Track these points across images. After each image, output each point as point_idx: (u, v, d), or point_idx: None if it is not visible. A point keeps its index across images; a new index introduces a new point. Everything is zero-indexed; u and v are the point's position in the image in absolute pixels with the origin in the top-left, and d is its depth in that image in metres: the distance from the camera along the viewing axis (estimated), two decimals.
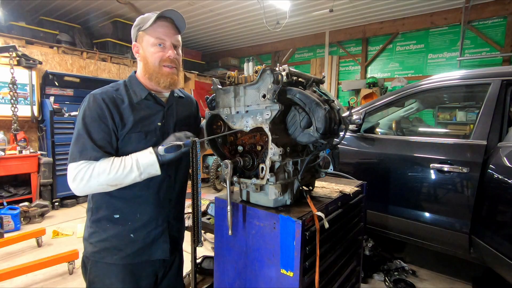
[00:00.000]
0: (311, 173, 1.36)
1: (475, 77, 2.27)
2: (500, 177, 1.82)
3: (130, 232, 1.19)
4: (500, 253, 1.74)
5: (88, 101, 1.14)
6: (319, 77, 1.30)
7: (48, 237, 3.33)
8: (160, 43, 1.19)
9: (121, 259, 1.19)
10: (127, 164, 1.08)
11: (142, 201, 1.20)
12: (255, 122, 1.11)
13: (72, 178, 1.07)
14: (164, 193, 1.25)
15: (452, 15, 5.41)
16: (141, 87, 1.22)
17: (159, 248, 1.25)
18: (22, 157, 4.01)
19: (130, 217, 1.19)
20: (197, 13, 5.91)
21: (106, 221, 1.19)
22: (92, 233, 1.20)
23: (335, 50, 7.06)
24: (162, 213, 1.25)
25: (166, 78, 1.20)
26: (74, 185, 1.08)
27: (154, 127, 1.21)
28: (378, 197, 2.43)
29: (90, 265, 1.21)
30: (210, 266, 2.24)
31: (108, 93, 1.16)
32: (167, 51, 1.19)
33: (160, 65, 1.19)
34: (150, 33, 1.18)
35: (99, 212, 1.19)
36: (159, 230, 1.24)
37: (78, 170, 1.06)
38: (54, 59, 4.83)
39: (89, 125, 1.10)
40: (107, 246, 1.18)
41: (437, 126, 5.49)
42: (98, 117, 1.11)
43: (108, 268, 1.19)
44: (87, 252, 1.21)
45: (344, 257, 1.44)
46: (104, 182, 1.07)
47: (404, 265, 2.67)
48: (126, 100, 1.18)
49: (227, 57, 8.48)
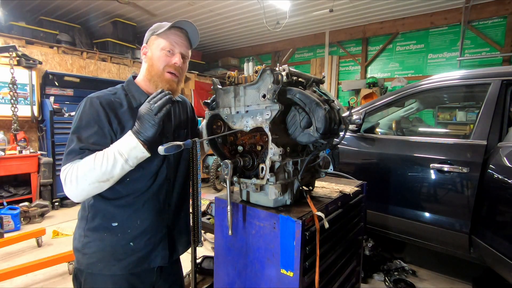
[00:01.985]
0: (311, 173, 1.36)
1: (475, 77, 2.26)
2: (500, 177, 1.82)
3: (129, 241, 1.15)
4: (500, 253, 1.74)
5: (85, 105, 1.11)
6: (319, 77, 1.30)
7: (48, 237, 3.33)
8: (170, 49, 1.19)
9: (120, 269, 1.14)
10: (110, 154, 1.03)
11: (141, 207, 1.16)
12: (255, 122, 1.11)
13: (64, 183, 1.04)
14: (164, 197, 1.22)
15: (452, 15, 5.41)
16: (140, 91, 1.21)
17: (158, 255, 1.21)
18: (22, 157, 4.02)
19: (129, 225, 1.15)
20: (197, 13, 5.91)
21: (103, 230, 1.13)
22: (87, 243, 1.14)
23: (335, 50, 7.06)
24: (162, 219, 1.22)
25: (165, 83, 1.19)
26: (67, 190, 1.05)
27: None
28: (378, 197, 2.43)
29: (84, 277, 1.15)
30: (210, 266, 2.24)
31: (106, 96, 1.14)
32: (174, 58, 1.19)
33: (164, 70, 1.19)
34: (162, 38, 1.19)
35: (95, 220, 1.14)
36: (159, 237, 1.21)
37: (65, 173, 1.04)
38: (54, 59, 4.83)
39: (82, 130, 1.08)
40: (105, 256, 1.13)
41: (437, 126, 5.49)
42: (93, 122, 1.09)
43: (105, 280, 1.14)
44: (81, 264, 1.14)
45: (344, 257, 1.44)
46: (94, 179, 1.02)
47: (404, 265, 2.67)
48: (125, 104, 1.16)
49: (227, 57, 8.48)
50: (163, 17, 6.17)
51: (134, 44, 6.45)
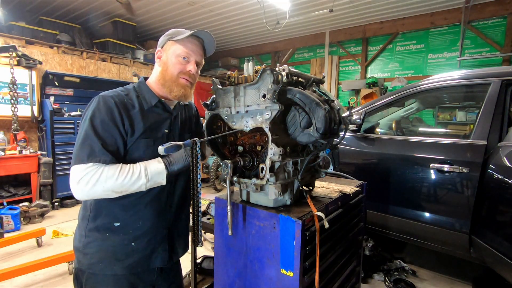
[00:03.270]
0: (311, 173, 1.36)
1: (475, 77, 2.26)
2: (500, 177, 1.82)
3: (131, 241, 1.16)
4: (500, 253, 1.74)
5: (98, 102, 1.11)
6: (319, 77, 1.30)
7: (48, 237, 3.33)
8: (186, 56, 1.21)
9: (121, 269, 1.15)
10: (136, 171, 1.07)
11: (144, 208, 1.17)
12: (255, 122, 1.11)
13: (77, 181, 1.02)
14: (165, 199, 1.23)
15: (452, 15, 5.41)
16: (151, 93, 1.22)
17: (158, 256, 1.22)
18: (22, 157, 4.02)
19: (131, 225, 1.16)
20: (197, 13, 5.91)
21: (105, 230, 1.14)
22: (88, 243, 1.14)
23: (335, 50, 7.06)
24: (163, 220, 1.23)
25: (180, 88, 1.21)
26: (78, 188, 1.03)
27: (162, 134, 1.22)
28: (378, 197, 2.43)
29: (86, 277, 1.16)
30: (210, 266, 2.24)
31: (119, 96, 1.15)
32: (189, 66, 1.22)
33: (178, 76, 1.21)
34: (179, 44, 1.21)
35: (97, 220, 1.15)
36: (159, 238, 1.22)
37: (85, 173, 1.02)
38: (54, 59, 4.83)
39: (98, 127, 1.07)
40: (106, 256, 1.14)
41: (437, 126, 5.49)
42: (108, 120, 1.08)
43: (106, 280, 1.15)
44: (82, 264, 1.15)
45: (344, 257, 1.44)
46: (110, 188, 1.04)
47: (404, 265, 2.67)
48: (137, 106, 1.17)
49: (227, 57, 8.48)
50: (163, 17, 6.17)
51: (134, 44, 6.45)
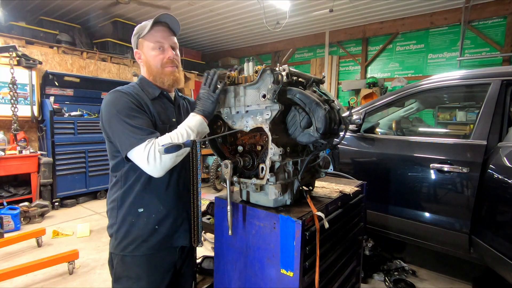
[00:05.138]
0: (311, 173, 1.36)
1: (475, 77, 2.26)
2: (500, 177, 1.82)
3: (155, 224, 1.24)
4: (500, 253, 1.74)
5: (116, 97, 1.17)
6: (319, 77, 1.31)
7: (48, 237, 3.33)
8: (159, 46, 1.26)
9: (148, 249, 1.24)
10: (183, 132, 1.12)
11: (164, 192, 1.25)
12: (255, 122, 1.11)
13: (146, 161, 1.07)
14: (183, 183, 1.30)
15: (452, 15, 5.41)
16: (153, 86, 1.29)
17: (180, 235, 1.31)
18: (22, 157, 4.01)
19: (153, 210, 1.24)
20: (197, 13, 5.91)
21: (131, 216, 1.23)
22: (118, 229, 1.24)
23: (335, 50, 7.06)
24: (182, 203, 1.30)
25: (169, 76, 1.27)
26: (150, 167, 1.08)
27: (172, 123, 1.28)
28: (378, 197, 2.43)
29: (116, 260, 1.26)
30: (210, 266, 2.24)
31: (128, 89, 1.22)
32: (166, 53, 1.27)
33: (163, 67, 1.27)
34: (149, 39, 1.25)
35: (123, 209, 1.23)
36: (180, 220, 1.30)
37: (147, 151, 1.07)
38: (54, 59, 4.83)
39: (130, 115, 1.12)
40: (135, 239, 1.23)
41: (437, 126, 5.49)
42: (135, 106, 1.15)
43: (134, 261, 1.24)
44: (114, 248, 1.26)
45: (344, 257, 1.44)
46: (174, 153, 1.08)
47: (404, 265, 2.67)
48: (145, 97, 1.24)
49: (227, 57, 8.48)
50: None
51: None
